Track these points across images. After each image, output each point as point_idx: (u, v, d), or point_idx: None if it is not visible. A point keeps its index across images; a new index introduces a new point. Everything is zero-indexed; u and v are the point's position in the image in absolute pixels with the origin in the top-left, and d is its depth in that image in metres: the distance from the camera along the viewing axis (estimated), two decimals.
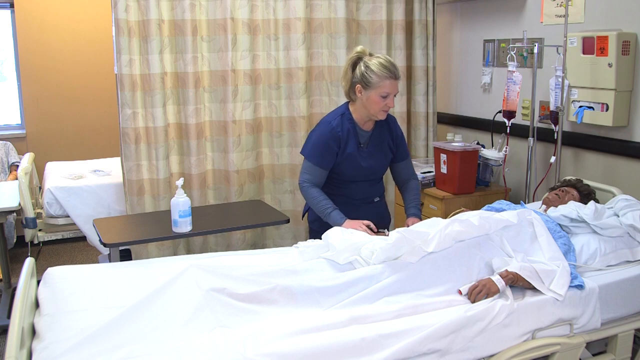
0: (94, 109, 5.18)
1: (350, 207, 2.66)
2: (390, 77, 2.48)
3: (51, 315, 1.87)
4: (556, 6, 3.21)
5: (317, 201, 2.61)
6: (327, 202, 2.60)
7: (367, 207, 2.74)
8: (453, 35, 4.10)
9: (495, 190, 3.40)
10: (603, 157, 3.03)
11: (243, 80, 3.48)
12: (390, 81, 2.49)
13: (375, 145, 2.67)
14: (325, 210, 2.59)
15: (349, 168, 2.63)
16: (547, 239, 2.28)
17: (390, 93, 2.51)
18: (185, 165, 3.48)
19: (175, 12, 3.32)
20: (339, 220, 2.54)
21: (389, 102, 2.52)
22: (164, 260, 2.40)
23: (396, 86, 2.52)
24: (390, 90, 2.50)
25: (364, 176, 2.68)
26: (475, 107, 3.95)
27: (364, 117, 2.62)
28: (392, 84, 2.50)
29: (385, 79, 2.48)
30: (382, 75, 2.47)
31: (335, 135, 2.58)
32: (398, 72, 2.52)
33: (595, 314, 2.14)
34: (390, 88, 2.50)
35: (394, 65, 2.51)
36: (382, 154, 2.70)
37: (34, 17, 4.92)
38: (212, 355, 1.67)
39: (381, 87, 2.48)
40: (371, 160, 2.66)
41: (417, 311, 1.94)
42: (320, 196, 2.61)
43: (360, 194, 2.72)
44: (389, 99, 2.52)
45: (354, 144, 2.62)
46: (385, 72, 2.48)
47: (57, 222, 3.70)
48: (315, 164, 2.61)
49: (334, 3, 3.56)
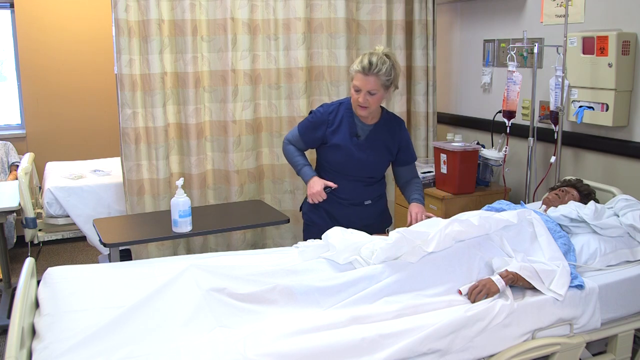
0: (94, 109, 5.18)
1: (338, 206, 2.71)
2: (360, 71, 2.49)
3: (51, 315, 1.87)
4: (556, 6, 3.21)
5: (292, 156, 2.76)
6: (301, 159, 2.74)
7: (356, 208, 2.73)
8: (453, 35, 4.10)
9: (495, 190, 3.40)
10: (603, 157, 3.03)
11: (243, 80, 3.48)
12: (360, 75, 2.49)
13: (372, 141, 2.66)
14: (298, 165, 2.73)
15: (340, 156, 2.65)
16: (547, 239, 2.28)
17: (360, 88, 2.50)
18: (185, 165, 3.48)
19: (175, 12, 3.32)
20: (308, 176, 2.68)
21: (359, 97, 2.52)
22: (164, 260, 2.40)
23: (367, 82, 2.48)
24: (359, 85, 2.50)
25: (357, 170, 2.67)
26: (475, 107, 3.95)
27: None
28: (361, 78, 2.48)
29: (357, 72, 2.50)
30: (356, 68, 2.51)
31: (324, 118, 2.67)
32: (374, 69, 2.46)
33: (595, 314, 2.14)
34: (360, 82, 2.50)
35: (371, 63, 2.47)
36: (379, 152, 2.68)
37: (34, 17, 4.92)
38: (212, 355, 1.67)
39: (354, 80, 2.53)
40: (365, 154, 2.65)
41: (417, 311, 1.94)
42: (295, 152, 2.76)
43: (352, 194, 2.71)
44: (360, 95, 2.51)
45: (346, 133, 2.64)
46: (358, 66, 2.50)
47: (57, 222, 3.70)
48: (300, 133, 2.74)
49: (334, 3, 3.56)
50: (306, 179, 2.69)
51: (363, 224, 2.58)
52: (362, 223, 2.60)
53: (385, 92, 2.57)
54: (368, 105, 2.54)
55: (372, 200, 2.76)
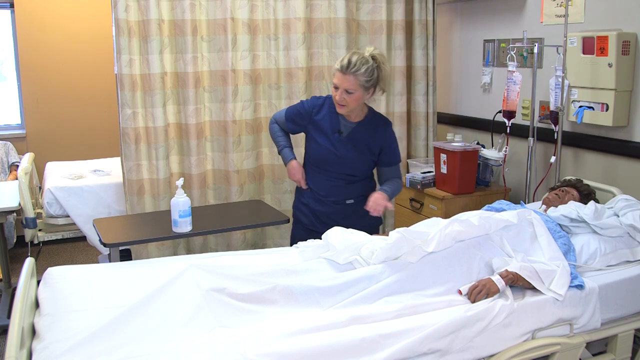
0: (94, 109, 5.18)
1: (320, 204, 2.76)
2: (339, 69, 2.53)
3: (51, 315, 1.87)
4: (556, 6, 3.21)
5: (276, 136, 2.86)
6: (283, 140, 2.84)
7: (337, 207, 2.75)
8: (453, 35, 4.10)
9: (495, 190, 3.40)
10: (603, 157, 3.03)
11: (243, 80, 3.48)
12: (339, 73, 2.53)
13: (353, 139, 2.67)
14: (279, 145, 2.84)
15: (320, 150, 2.69)
16: (547, 239, 2.28)
17: (338, 85, 2.54)
18: (185, 165, 3.48)
19: (175, 12, 3.32)
20: (287, 158, 2.79)
21: (336, 95, 2.55)
22: (164, 260, 2.40)
23: (344, 81, 2.51)
24: (337, 82, 2.54)
25: (337, 166, 2.69)
26: (475, 107, 3.95)
27: None
28: (339, 76, 2.52)
29: (337, 70, 2.55)
30: (336, 67, 2.56)
31: (310, 110, 2.73)
32: (352, 68, 2.48)
33: (595, 314, 2.14)
34: (338, 80, 2.53)
35: (350, 62, 2.49)
36: (359, 151, 2.68)
37: (34, 17, 4.91)
38: (212, 355, 1.67)
39: (334, 78, 2.57)
40: (345, 150, 2.67)
41: (417, 311, 1.94)
42: (279, 132, 2.85)
43: (332, 191, 2.73)
44: (337, 93, 2.55)
45: (328, 127, 2.68)
46: (338, 64, 2.55)
47: (57, 222, 3.70)
48: (286, 117, 2.82)
49: (334, 3, 3.56)
50: (285, 161, 2.81)
51: (346, 223, 2.53)
52: (345, 223, 2.55)
53: (365, 93, 2.57)
54: (345, 104, 2.56)
55: (354, 200, 2.75)
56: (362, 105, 2.67)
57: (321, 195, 2.75)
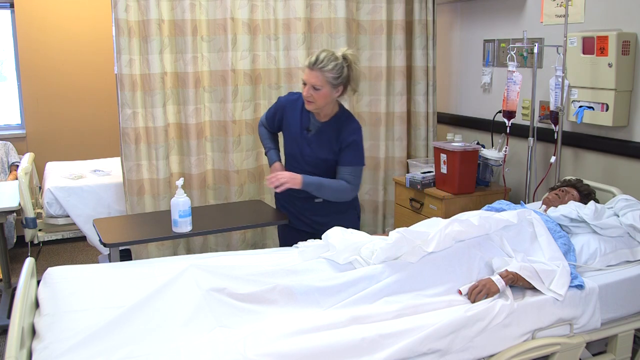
0: (94, 109, 5.18)
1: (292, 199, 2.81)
2: (307, 65, 2.59)
3: (51, 315, 1.87)
4: (556, 6, 3.21)
5: (263, 138, 2.93)
6: (269, 142, 2.89)
7: (307, 203, 2.78)
8: (453, 35, 4.10)
9: (495, 190, 3.40)
10: (603, 157, 3.03)
11: (243, 80, 3.48)
12: (307, 69, 2.59)
13: (320, 138, 2.69)
14: (266, 147, 2.90)
15: (289, 146, 2.78)
16: (547, 239, 2.28)
17: (306, 81, 2.59)
18: (185, 165, 3.48)
19: (175, 12, 3.32)
20: (271, 160, 2.84)
21: (304, 91, 2.60)
22: (164, 260, 2.40)
23: (311, 77, 2.55)
24: (305, 78, 2.60)
25: (304, 164, 2.71)
26: (475, 107, 3.95)
27: None
28: (307, 72, 2.58)
29: (305, 66, 2.61)
30: (305, 63, 2.64)
31: (284, 105, 2.80)
32: (319, 64, 2.53)
33: (595, 314, 2.14)
34: (306, 76, 2.59)
35: (318, 58, 2.55)
36: (324, 150, 2.70)
37: (34, 17, 4.91)
38: (212, 355, 1.67)
39: (304, 74, 2.61)
40: (310, 149, 2.70)
41: (417, 311, 1.95)
42: (266, 135, 2.91)
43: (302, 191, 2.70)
44: (305, 89, 2.59)
45: (298, 124, 2.74)
46: (307, 60, 2.62)
47: (57, 222, 3.70)
48: (268, 113, 2.89)
49: (334, 3, 3.56)
50: (270, 162, 2.86)
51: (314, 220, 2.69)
52: (313, 219, 2.73)
53: (332, 91, 2.58)
54: (312, 100, 2.59)
55: (322, 199, 2.74)
56: (333, 104, 2.67)
57: (293, 190, 2.71)
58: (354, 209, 2.90)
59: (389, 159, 3.86)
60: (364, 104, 3.79)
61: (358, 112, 3.78)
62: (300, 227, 2.83)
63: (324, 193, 2.67)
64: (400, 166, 3.86)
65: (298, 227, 2.84)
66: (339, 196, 2.68)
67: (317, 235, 2.52)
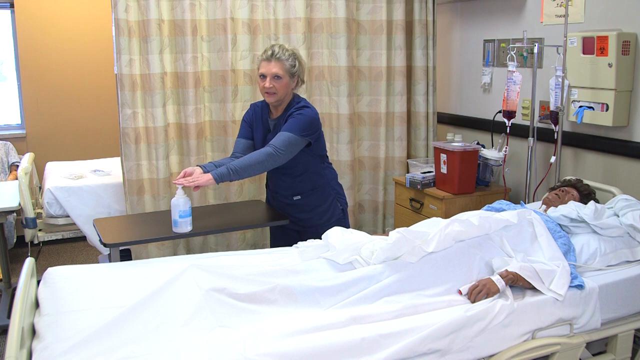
0: (94, 109, 5.18)
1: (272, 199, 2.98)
2: (265, 58, 2.70)
3: (51, 315, 1.87)
4: (556, 6, 3.21)
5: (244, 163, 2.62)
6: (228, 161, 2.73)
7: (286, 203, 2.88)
8: (453, 35, 4.10)
9: (495, 190, 3.40)
10: (603, 157, 3.03)
11: (243, 80, 3.48)
12: (265, 62, 2.69)
13: (277, 132, 2.73)
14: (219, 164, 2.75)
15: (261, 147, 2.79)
16: (547, 239, 2.28)
17: (265, 74, 2.68)
18: (186, 165, 3.48)
19: (175, 12, 3.32)
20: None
21: (265, 83, 2.67)
22: (164, 260, 2.40)
23: (272, 67, 2.66)
24: (264, 71, 2.68)
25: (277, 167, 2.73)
26: (475, 107, 3.95)
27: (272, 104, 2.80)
28: (266, 65, 2.68)
29: (262, 60, 2.71)
30: (260, 58, 2.73)
31: (249, 112, 2.89)
32: (276, 54, 2.67)
33: (595, 314, 2.14)
34: (265, 69, 2.68)
35: (273, 50, 2.68)
36: None
37: (34, 17, 4.91)
38: (212, 355, 1.67)
39: (259, 69, 2.72)
40: None
41: (417, 311, 1.95)
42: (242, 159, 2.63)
43: (282, 186, 2.86)
44: (266, 81, 2.67)
45: (261, 128, 2.83)
46: (263, 55, 2.72)
47: (57, 222, 3.70)
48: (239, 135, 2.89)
49: (334, 3, 3.56)
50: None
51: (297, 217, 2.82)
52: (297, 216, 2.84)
53: (290, 80, 2.71)
54: (275, 91, 2.68)
55: (301, 196, 2.85)
56: (289, 96, 2.77)
57: (276, 192, 2.91)
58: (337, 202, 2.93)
59: (389, 159, 3.86)
60: (364, 104, 3.78)
61: (358, 112, 3.78)
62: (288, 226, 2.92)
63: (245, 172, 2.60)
64: (400, 166, 3.86)
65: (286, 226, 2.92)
66: (258, 168, 2.62)
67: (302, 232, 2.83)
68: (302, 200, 2.85)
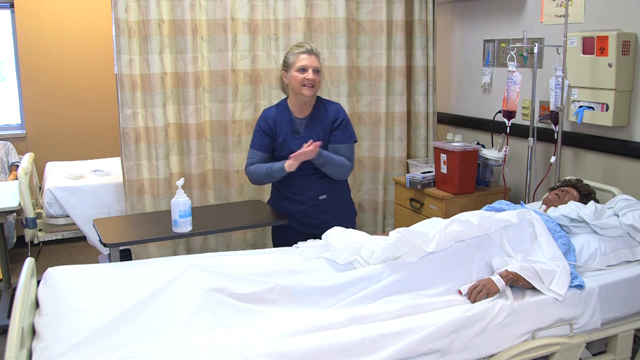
0: (94, 109, 5.18)
1: (293, 202, 2.83)
2: (303, 52, 2.70)
3: (51, 315, 1.87)
4: (556, 6, 3.21)
5: (259, 170, 2.77)
6: (266, 164, 2.77)
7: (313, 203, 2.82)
8: (453, 35, 4.10)
9: (495, 190, 3.40)
10: (603, 157, 3.03)
11: (243, 80, 3.48)
12: (304, 55, 2.70)
13: (309, 132, 2.73)
14: (267, 169, 2.75)
15: (287, 152, 2.75)
16: (547, 239, 2.28)
17: (308, 66, 2.69)
18: (185, 165, 3.48)
19: (175, 12, 3.32)
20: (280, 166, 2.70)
21: (307, 75, 2.66)
22: (164, 260, 2.41)
23: (313, 61, 2.70)
24: (306, 63, 2.69)
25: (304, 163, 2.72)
26: (475, 107, 3.95)
27: (297, 103, 2.77)
28: (307, 57, 2.70)
29: (299, 54, 2.71)
30: (296, 52, 2.72)
31: (266, 120, 2.82)
32: (313, 49, 2.73)
33: (595, 314, 2.14)
34: (306, 61, 2.69)
35: (308, 44, 2.74)
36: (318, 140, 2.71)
37: (34, 17, 4.92)
38: (212, 355, 1.67)
39: (297, 62, 2.70)
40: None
41: (417, 311, 1.95)
42: (260, 166, 2.78)
43: (305, 187, 2.80)
44: (308, 73, 2.67)
45: (287, 130, 2.78)
46: (298, 49, 2.72)
47: (57, 222, 3.70)
48: (253, 147, 2.84)
49: (334, 3, 3.56)
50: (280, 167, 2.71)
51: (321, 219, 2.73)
52: (320, 218, 2.77)
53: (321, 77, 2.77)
54: (314, 84, 2.69)
55: (327, 195, 2.83)
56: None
57: (294, 193, 2.83)
58: (352, 207, 2.98)
59: (389, 159, 3.86)
60: (364, 104, 3.79)
61: (358, 112, 3.78)
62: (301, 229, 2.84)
63: (330, 166, 2.74)
64: (400, 166, 3.86)
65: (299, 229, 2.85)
66: (341, 172, 2.79)
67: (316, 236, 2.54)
68: (327, 199, 2.84)
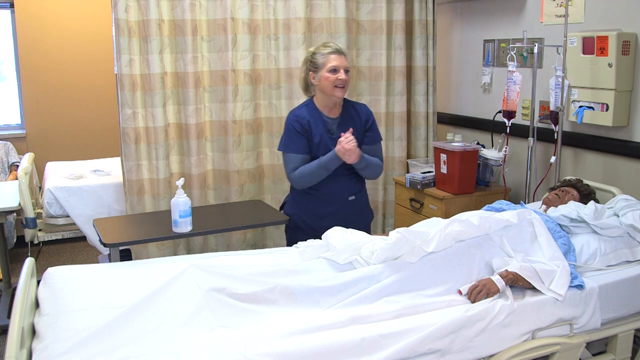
0: (94, 109, 5.18)
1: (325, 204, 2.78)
2: (333, 52, 2.66)
3: (51, 315, 1.87)
4: (556, 6, 3.21)
5: (310, 169, 2.70)
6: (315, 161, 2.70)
7: (342, 203, 2.80)
8: (453, 35, 4.10)
9: (495, 190, 3.40)
10: (603, 157, 3.03)
11: (243, 80, 3.48)
12: (334, 55, 2.65)
13: (343, 132, 2.69)
14: (319, 163, 2.68)
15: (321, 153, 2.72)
16: (547, 239, 2.28)
17: (339, 66, 2.64)
18: (185, 165, 3.48)
19: (175, 12, 3.32)
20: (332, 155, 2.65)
21: (339, 76, 2.64)
22: (164, 260, 2.40)
23: (343, 61, 2.66)
24: (337, 63, 2.64)
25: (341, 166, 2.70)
26: (475, 107, 3.95)
27: (327, 103, 2.74)
28: (337, 57, 2.65)
29: (329, 54, 2.66)
30: (325, 53, 2.66)
31: (299, 121, 2.73)
32: (342, 49, 2.69)
33: (595, 313, 2.14)
34: (337, 61, 2.65)
35: (336, 44, 2.70)
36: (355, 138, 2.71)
37: (34, 17, 4.92)
38: (212, 355, 1.67)
39: (328, 63, 2.65)
40: None
41: (417, 311, 1.95)
42: (308, 165, 2.71)
43: (338, 188, 2.78)
44: (340, 73, 2.64)
45: (321, 131, 2.74)
46: (327, 49, 2.67)
47: (57, 222, 3.70)
48: (291, 152, 2.74)
49: (334, 3, 3.56)
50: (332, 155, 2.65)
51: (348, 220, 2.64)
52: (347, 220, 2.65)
53: None
54: (345, 84, 2.66)
55: (355, 196, 2.84)
56: None
57: (327, 193, 2.77)
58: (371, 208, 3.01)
59: (389, 159, 3.86)
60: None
61: None
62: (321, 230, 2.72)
63: (369, 169, 2.77)
64: (400, 166, 3.87)
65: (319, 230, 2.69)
66: (377, 172, 2.86)
67: None
68: (355, 200, 2.84)
